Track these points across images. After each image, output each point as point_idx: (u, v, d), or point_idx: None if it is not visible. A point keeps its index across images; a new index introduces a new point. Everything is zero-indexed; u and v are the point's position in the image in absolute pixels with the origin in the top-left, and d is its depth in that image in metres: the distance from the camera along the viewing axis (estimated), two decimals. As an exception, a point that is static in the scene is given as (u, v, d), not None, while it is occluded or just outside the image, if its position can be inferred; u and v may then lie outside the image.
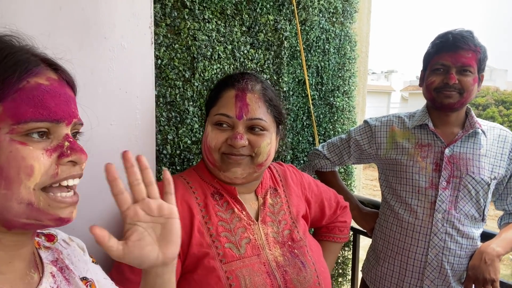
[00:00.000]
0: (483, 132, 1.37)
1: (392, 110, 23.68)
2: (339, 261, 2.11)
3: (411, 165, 1.39)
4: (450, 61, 1.30)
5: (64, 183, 0.58)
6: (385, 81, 26.85)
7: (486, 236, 1.38)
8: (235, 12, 1.62)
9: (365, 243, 1.83)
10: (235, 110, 0.98)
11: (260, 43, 1.71)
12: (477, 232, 1.36)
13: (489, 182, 1.32)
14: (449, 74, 1.30)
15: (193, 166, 1.13)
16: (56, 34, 0.86)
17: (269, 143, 1.02)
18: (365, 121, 1.58)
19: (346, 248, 2.11)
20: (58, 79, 0.60)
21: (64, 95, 0.59)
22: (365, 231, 1.67)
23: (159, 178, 1.45)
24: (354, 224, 1.71)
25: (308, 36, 1.86)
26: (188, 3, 1.47)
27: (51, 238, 0.73)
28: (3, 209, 0.54)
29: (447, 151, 1.35)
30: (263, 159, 1.01)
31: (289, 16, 1.78)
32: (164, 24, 1.41)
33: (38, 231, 0.71)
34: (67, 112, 0.59)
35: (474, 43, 1.30)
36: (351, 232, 1.89)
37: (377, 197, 1.75)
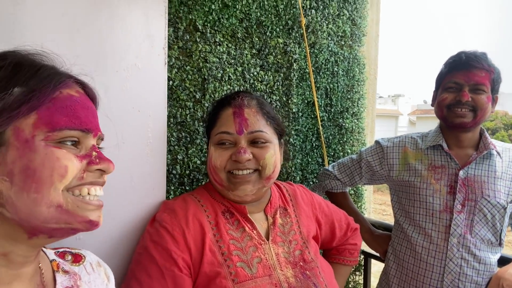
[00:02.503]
0: (498, 153, 1.34)
1: (400, 134, 23.57)
2: (350, 286, 2.05)
3: (424, 187, 1.36)
4: (463, 79, 1.29)
5: (85, 191, 0.59)
6: (392, 105, 26.88)
7: (504, 261, 1.32)
8: (246, 35, 1.65)
9: (375, 269, 1.78)
10: (235, 126, 0.99)
11: (270, 65, 1.73)
12: (494, 257, 1.31)
13: (505, 206, 1.29)
14: (462, 91, 1.29)
15: (203, 185, 1.12)
16: (73, 54, 0.87)
17: (273, 154, 1.01)
18: (377, 142, 1.56)
19: (357, 273, 2.05)
20: (84, 94, 0.63)
21: (91, 109, 0.62)
22: (377, 254, 1.63)
23: (168, 198, 1.44)
24: (365, 247, 1.67)
25: (317, 59, 1.88)
26: (200, 27, 1.51)
27: (78, 258, 0.72)
28: (31, 215, 0.54)
29: (461, 173, 1.32)
30: (270, 171, 1.01)
31: (298, 39, 1.81)
32: (176, 46, 1.45)
33: (67, 250, 0.71)
34: (94, 124, 0.62)
35: (487, 63, 1.29)
36: (362, 256, 1.85)
37: (387, 222, 1.71)
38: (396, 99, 27.76)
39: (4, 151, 0.53)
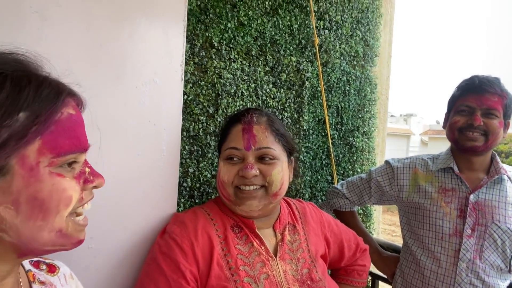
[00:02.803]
0: (509, 178, 1.33)
1: (411, 154, 23.31)
2: (356, 308, 2.02)
3: (434, 210, 1.35)
4: (475, 103, 1.30)
5: (82, 211, 0.60)
6: (404, 125, 26.70)
7: (515, 289, 1.30)
8: (260, 53, 1.69)
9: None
10: (243, 142, 1.01)
11: (282, 83, 1.76)
12: (503, 284, 1.29)
13: (516, 232, 1.27)
14: (474, 115, 1.29)
15: (213, 199, 1.14)
16: (96, 68, 0.92)
17: (280, 171, 1.02)
18: (387, 161, 1.56)
19: (364, 295, 2.02)
20: (76, 106, 0.61)
21: (82, 122, 0.61)
22: (384, 276, 1.60)
23: (178, 211, 1.46)
24: (373, 269, 1.65)
25: (329, 77, 1.91)
26: (216, 44, 1.55)
27: (52, 269, 0.71)
28: (32, 239, 0.54)
29: (472, 197, 1.31)
30: (276, 188, 1.01)
31: (311, 58, 1.84)
32: (192, 62, 1.49)
33: (41, 260, 0.71)
34: (86, 139, 0.61)
35: (500, 88, 1.29)
36: (370, 277, 1.82)
37: (396, 243, 1.69)
38: (408, 118, 27.57)
39: (10, 179, 0.51)
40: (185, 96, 1.48)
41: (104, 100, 0.93)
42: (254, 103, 1.69)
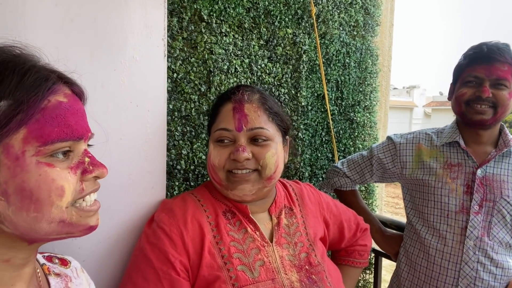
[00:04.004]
0: (519, 151, 1.26)
1: (414, 126, 23.17)
2: (360, 284, 2.00)
3: (439, 186, 1.29)
4: (483, 73, 1.21)
5: (88, 198, 0.59)
6: (407, 97, 26.36)
7: (523, 266, 1.25)
8: (253, 25, 1.59)
9: (387, 262, 1.72)
10: (234, 123, 0.93)
11: (278, 57, 1.67)
12: (512, 261, 1.24)
13: (527, 207, 1.21)
14: (482, 87, 1.21)
15: (204, 183, 1.08)
16: (67, 46, 0.83)
17: (274, 153, 0.95)
18: (389, 138, 1.49)
19: (368, 271, 2.00)
20: (72, 94, 0.59)
21: (80, 111, 0.59)
22: (388, 254, 1.56)
23: (172, 194, 1.41)
24: (375, 245, 1.61)
25: (328, 50, 1.81)
26: (205, 17, 1.45)
27: (64, 262, 0.72)
28: (31, 230, 0.53)
29: (479, 172, 1.25)
30: (271, 172, 0.95)
31: (308, 29, 1.73)
32: (180, 37, 1.39)
33: (52, 254, 0.72)
34: (84, 128, 0.59)
35: (511, 55, 1.20)
36: (373, 254, 1.79)
37: (399, 215, 1.64)
38: (411, 90, 27.20)
39: None
40: (175, 74, 1.39)
41: (78, 80, 0.85)
42: (249, 80, 1.60)
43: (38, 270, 0.63)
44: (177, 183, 1.43)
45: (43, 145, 0.52)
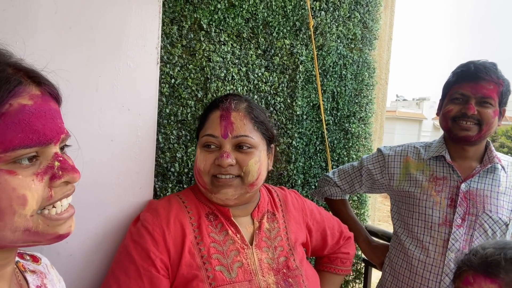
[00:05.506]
0: (503, 167, 1.28)
1: (423, 138, 22.98)
2: (350, 294, 2.01)
3: (424, 199, 1.31)
4: (470, 91, 1.24)
5: (58, 204, 0.56)
6: (416, 109, 26.17)
7: (505, 281, 1.26)
8: (251, 35, 1.64)
9: (379, 273, 1.73)
10: (221, 130, 0.98)
11: (275, 66, 1.71)
12: (494, 276, 1.25)
13: (508, 222, 1.23)
14: (468, 104, 1.24)
15: (190, 186, 1.12)
16: (65, 52, 0.89)
17: (257, 161, 0.99)
18: (379, 150, 1.52)
19: (357, 281, 2.01)
20: (42, 94, 0.55)
21: (49, 112, 0.54)
22: (374, 263, 1.59)
23: (164, 195, 1.45)
24: (365, 256, 1.63)
25: (325, 61, 1.85)
26: (205, 26, 1.50)
27: (35, 259, 0.71)
28: None
29: (463, 186, 1.27)
30: (253, 179, 0.99)
31: (305, 41, 1.78)
32: (180, 45, 1.45)
33: (22, 251, 0.70)
34: (55, 130, 0.55)
35: (497, 75, 1.23)
36: (363, 264, 1.81)
37: (390, 231, 1.66)
38: (421, 102, 27.00)
39: None
40: (173, 80, 1.45)
41: (74, 84, 0.90)
42: (245, 88, 1.65)
43: (16, 269, 0.63)
44: (170, 185, 1.47)
45: (3, 152, 0.48)
